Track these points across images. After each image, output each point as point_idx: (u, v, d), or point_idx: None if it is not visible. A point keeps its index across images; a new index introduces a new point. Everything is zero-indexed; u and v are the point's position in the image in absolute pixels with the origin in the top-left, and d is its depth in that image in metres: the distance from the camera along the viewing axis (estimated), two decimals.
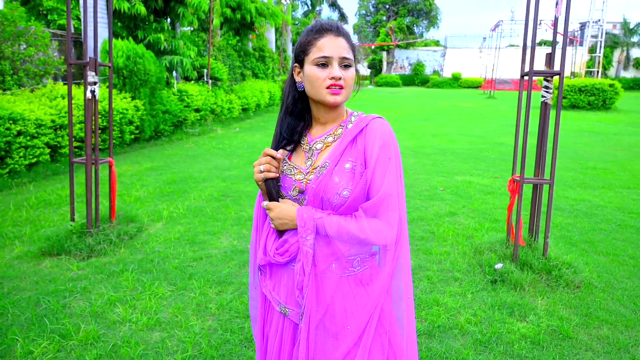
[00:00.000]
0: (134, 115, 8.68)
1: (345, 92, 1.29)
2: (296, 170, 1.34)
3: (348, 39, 1.30)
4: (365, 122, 1.30)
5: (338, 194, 1.25)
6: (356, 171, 1.26)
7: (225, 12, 14.88)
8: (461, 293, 3.25)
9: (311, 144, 1.35)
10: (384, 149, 1.26)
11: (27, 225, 4.47)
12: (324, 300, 1.28)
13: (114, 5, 9.58)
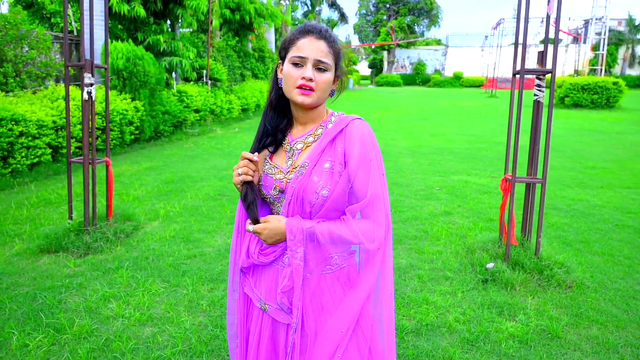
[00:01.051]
0: (134, 116, 8.77)
1: (316, 94, 1.30)
2: (277, 169, 1.37)
3: (330, 43, 1.31)
4: (344, 123, 1.33)
5: (317, 193, 1.28)
6: (335, 170, 1.29)
7: (225, 13, 14.96)
8: (451, 292, 3.30)
9: (292, 143, 1.38)
10: (364, 151, 1.29)
11: (27, 223, 4.56)
12: (305, 299, 1.32)
13: (114, 8, 9.68)
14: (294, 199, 1.30)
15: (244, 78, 16.87)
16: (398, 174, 7.28)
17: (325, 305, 1.33)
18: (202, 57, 12.90)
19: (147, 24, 10.71)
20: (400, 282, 3.45)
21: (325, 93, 1.32)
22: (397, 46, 47.30)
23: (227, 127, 12.95)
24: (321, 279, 1.33)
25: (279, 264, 1.36)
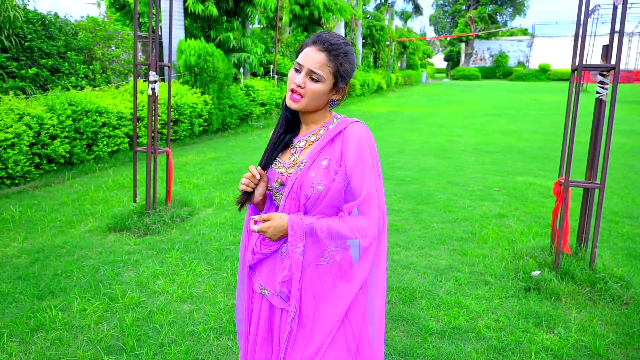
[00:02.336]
0: (203, 109, 9.37)
1: (305, 101, 1.42)
2: (280, 164, 1.51)
3: (333, 57, 1.38)
4: (344, 125, 1.44)
5: (313, 188, 1.40)
6: (331, 168, 1.40)
7: (294, 9, 15.34)
8: (488, 297, 3.25)
9: (296, 142, 1.52)
10: (360, 152, 1.39)
11: (102, 204, 5.13)
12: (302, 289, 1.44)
13: (190, 8, 10.36)
14: (292, 191, 1.43)
15: None
16: (456, 173, 7.14)
17: (317, 294, 1.45)
18: (270, 52, 13.37)
19: (220, 22, 11.32)
20: (435, 282, 3.47)
21: (315, 101, 1.44)
22: (476, 37, 45.32)
23: None
24: (315, 269, 1.44)
25: (279, 253, 1.50)
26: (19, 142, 5.41)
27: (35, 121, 5.69)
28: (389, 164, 7.67)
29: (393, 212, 5.11)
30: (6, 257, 3.71)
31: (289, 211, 1.46)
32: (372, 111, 16.60)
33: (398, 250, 4.07)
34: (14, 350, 2.52)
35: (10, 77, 6.48)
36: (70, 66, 7.46)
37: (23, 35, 6.63)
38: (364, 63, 25.04)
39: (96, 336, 2.67)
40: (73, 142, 6.36)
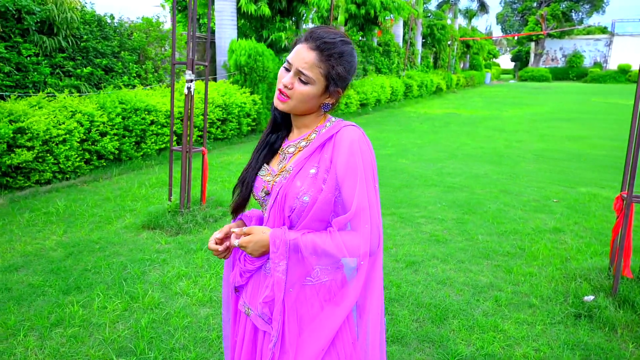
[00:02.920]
0: (252, 109, 9.47)
1: (292, 103, 1.30)
2: (267, 171, 1.40)
3: (324, 57, 1.26)
4: (336, 129, 1.31)
5: (298, 199, 1.27)
6: (319, 177, 1.27)
7: (350, 8, 15.21)
8: (530, 322, 2.96)
9: (285, 147, 1.41)
10: (351, 159, 1.25)
11: (141, 201, 5.27)
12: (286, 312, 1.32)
13: (243, 8, 10.53)
14: (276, 202, 1.32)
15: (367, 73, 16.98)
16: (511, 181, 6.69)
17: (301, 317, 1.32)
18: None
19: (272, 22, 11.42)
20: (472, 301, 3.21)
21: (304, 104, 1.31)
22: (547, 36, 42.87)
23: None
24: (301, 290, 1.31)
25: (264, 269, 1.39)
26: (70, 139, 5.69)
27: (87, 118, 5.97)
28: (437, 169, 7.34)
29: (435, 221, 4.85)
30: (44, 249, 3.87)
31: (273, 224, 1.34)
32: (429, 113, 16.12)
33: (435, 262, 3.83)
34: (31, 345, 2.59)
35: (66, 75, 6.86)
36: (124, 65, 7.80)
37: (79, 36, 7.00)
38: (422, 63, 24.43)
39: (110, 336, 2.69)
40: (122, 139, 6.62)
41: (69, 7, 6.14)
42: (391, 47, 18.83)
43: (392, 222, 4.81)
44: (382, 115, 15.09)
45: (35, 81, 6.29)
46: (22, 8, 5.86)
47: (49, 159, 5.50)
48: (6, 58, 5.89)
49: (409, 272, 3.65)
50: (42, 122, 5.33)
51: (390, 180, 6.51)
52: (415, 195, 5.79)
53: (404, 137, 10.66)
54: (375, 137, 10.66)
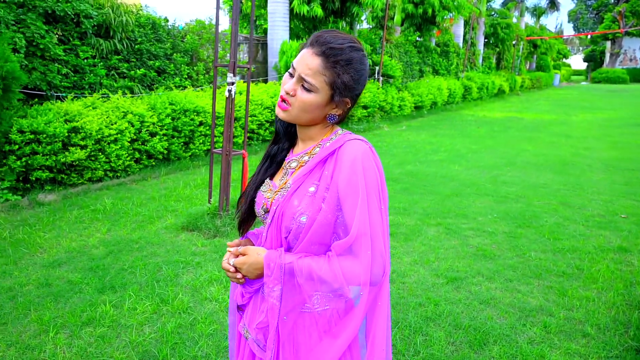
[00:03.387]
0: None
1: (293, 112, 1.22)
2: (268, 187, 1.33)
3: (330, 64, 1.17)
4: (339, 144, 1.21)
5: (294, 219, 1.19)
6: (318, 196, 1.18)
7: (407, 7, 14.89)
8: (583, 354, 2.68)
9: (287, 161, 1.33)
10: (352, 177, 1.15)
11: (184, 201, 5.38)
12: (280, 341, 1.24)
13: (295, 9, 10.58)
14: (273, 221, 1.24)
15: (423, 74, 16.57)
16: (573, 192, 6.21)
17: (298, 348, 1.23)
18: (377, 53, 13.14)
19: (325, 22, 11.39)
20: (517, 326, 2.96)
21: (307, 114, 1.22)
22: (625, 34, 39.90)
23: (397, 124, 12.95)
24: (298, 317, 1.22)
25: (262, 291, 1.31)
26: (121, 138, 5.92)
27: (137, 119, 6.19)
28: (492, 177, 6.97)
29: (484, 234, 4.57)
30: (87, 247, 4.02)
31: (270, 245, 1.27)
32: (488, 117, 15.46)
33: (479, 280, 3.59)
34: (61, 343, 2.66)
35: (121, 77, 7.18)
36: (176, 67, 8.05)
37: (134, 39, 7.31)
38: (484, 64, 23.52)
39: (136, 338, 2.71)
40: (171, 140, 6.81)
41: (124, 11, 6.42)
42: (450, 48, 18.26)
43: (437, 233, 4.59)
44: (438, 118, 14.65)
45: (91, 82, 6.62)
46: (80, 12, 6.20)
47: (101, 158, 5.76)
48: (65, 60, 6.24)
49: (449, 289, 3.44)
50: (95, 122, 5.58)
51: (439, 188, 6.24)
52: (465, 205, 5.51)
53: (459, 142, 10.26)
54: (428, 141, 10.34)
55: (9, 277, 3.41)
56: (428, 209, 5.32)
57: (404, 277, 3.62)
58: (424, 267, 3.80)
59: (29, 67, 5.71)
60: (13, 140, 4.82)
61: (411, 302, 3.21)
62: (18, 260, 3.70)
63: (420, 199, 5.72)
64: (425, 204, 5.49)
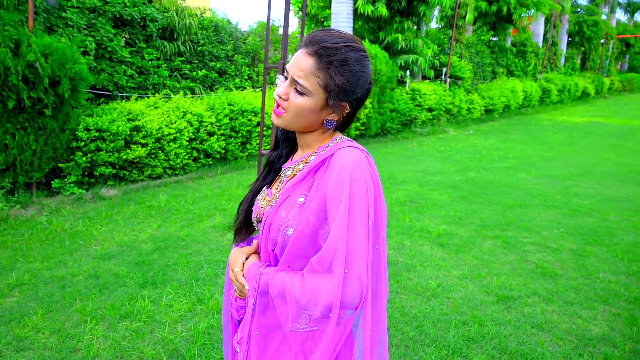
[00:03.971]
0: (361, 113, 9.38)
1: (287, 117, 1.15)
2: (264, 195, 1.28)
3: (323, 64, 1.09)
4: (332, 152, 1.14)
5: (281, 231, 1.13)
6: (307, 207, 1.11)
7: (480, 5, 14.28)
8: None
9: (284, 168, 1.28)
10: (336, 188, 1.06)
11: (236, 201, 5.49)
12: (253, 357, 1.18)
13: (360, 9, 10.49)
14: (263, 233, 1.20)
15: (496, 75, 15.81)
16: None
17: None
18: (446, 54, 12.72)
19: (390, 23, 11.21)
20: (573, 356, 2.69)
21: (301, 119, 1.15)
22: None
23: (464, 128, 12.46)
24: (272, 336, 1.15)
25: None
26: (180, 137, 6.17)
27: (196, 119, 6.42)
28: (563, 188, 6.46)
29: (547, 250, 4.23)
30: (137, 242, 4.20)
31: (263, 257, 1.22)
32: (567, 121, 14.44)
33: (535, 301, 3.31)
34: (98, 334, 2.78)
35: (183, 78, 7.49)
36: (236, 68, 8.27)
37: (197, 41, 7.60)
38: (566, 65, 22.02)
39: (168, 336, 2.77)
40: (228, 140, 7.00)
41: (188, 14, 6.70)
42: (527, 47, 17.28)
43: (493, 246, 4.31)
44: (510, 122, 13.90)
45: (154, 83, 6.98)
46: (146, 16, 6.55)
47: (160, 156, 6.03)
48: (131, 62, 6.62)
49: (499, 308, 3.20)
50: (156, 121, 5.86)
51: (501, 198, 5.88)
52: (529, 217, 5.14)
53: (530, 149, 9.65)
54: (496, 147, 9.83)
55: (63, 267, 3.64)
56: (486, 219, 5.03)
57: (450, 292, 3.42)
58: (474, 283, 3.57)
59: (97, 69, 6.12)
60: (80, 137, 5.17)
61: (453, 319, 3.02)
62: (74, 251, 3.94)
63: (479, 208, 5.42)
64: (483, 214, 5.19)
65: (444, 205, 5.48)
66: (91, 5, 5.91)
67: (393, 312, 3.11)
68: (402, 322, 2.99)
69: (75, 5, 5.83)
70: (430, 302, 3.25)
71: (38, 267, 3.60)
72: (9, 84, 4.30)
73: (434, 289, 3.45)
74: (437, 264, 3.88)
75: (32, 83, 4.48)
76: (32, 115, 4.65)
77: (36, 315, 2.92)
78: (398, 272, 3.71)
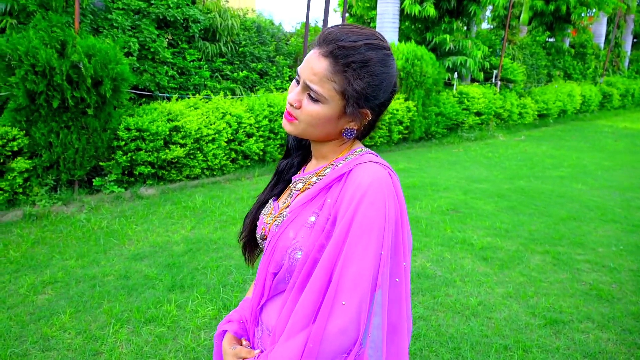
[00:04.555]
0: (404, 116, 9.14)
1: (300, 125, 1.03)
2: (270, 209, 1.16)
3: (339, 67, 0.96)
4: (350, 167, 1.02)
5: (288, 254, 1.01)
6: (318, 228, 0.99)
7: (535, 5, 13.64)
8: None
9: (295, 179, 1.15)
10: (347, 209, 0.94)
11: None
12: None
13: (406, 9, 10.25)
14: (266, 254, 1.08)
15: (551, 78, 15.07)
16: None
17: None
18: (497, 55, 12.22)
19: (439, 23, 10.89)
20: None
21: (316, 128, 1.03)
22: None
23: (515, 133, 11.92)
24: None
25: None
26: (218, 138, 6.19)
27: (235, 120, 6.43)
28: (624, 200, 5.98)
29: (603, 270, 3.89)
30: (169, 243, 4.21)
31: (259, 279, 1.10)
32: (630, 128, 13.54)
33: (588, 326, 3.02)
34: (122, 338, 2.76)
35: (224, 79, 7.54)
36: (278, 69, 8.25)
37: (238, 42, 7.64)
38: (630, 68, 20.72)
39: (190, 343, 2.72)
40: (267, 141, 6.97)
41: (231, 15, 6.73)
42: (587, 49, 16.37)
43: (542, 262, 4.01)
44: (565, 128, 13.19)
45: (195, 84, 7.05)
46: (189, 17, 6.63)
47: (198, 156, 6.07)
48: (172, 63, 6.72)
49: (546, 332, 2.94)
50: (195, 121, 5.90)
51: (553, 209, 5.51)
52: (584, 232, 4.77)
53: (587, 157, 9.08)
54: (549, 154, 9.31)
55: (96, 266, 3.69)
56: (535, 232, 4.71)
57: (492, 311, 3.18)
58: (519, 303, 3.31)
59: (140, 69, 6.25)
60: (120, 136, 5.28)
61: (495, 343, 2.79)
62: (108, 250, 3.99)
63: (527, 220, 5.10)
64: (532, 227, 4.87)
65: (489, 216, 5.19)
66: (136, 7, 6.04)
67: (428, 331, 2.92)
68: (437, 343, 2.79)
69: (120, 7, 5.97)
70: (469, 322, 3.04)
71: (72, 265, 3.66)
72: (54, 84, 4.43)
73: (474, 307, 3.22)
74: (478, 280, 3.64)
75: (76, 83, 4.60)
76: (75, 115, 4.78)
77: (65, 314, 2.95)
78: (436, 286, 3.51)
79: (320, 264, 0.93)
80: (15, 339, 2.70)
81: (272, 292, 1.07)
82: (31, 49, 4.25)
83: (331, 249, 0.93)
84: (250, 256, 1.28)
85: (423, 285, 3.52)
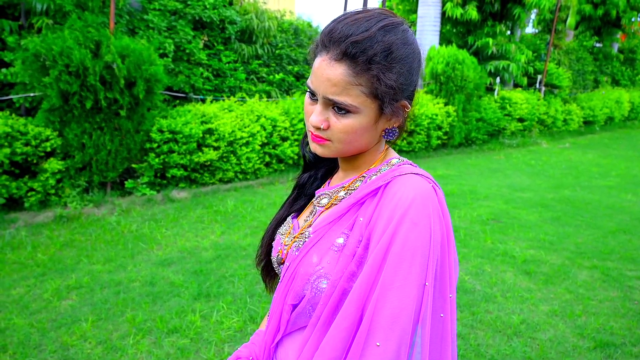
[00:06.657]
0: (444, 121, 8.79)
1: (335, 146, 0.84)
2: (288, 228, 0.98)
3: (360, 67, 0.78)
4: (386, 180, 0.83)
5: (311, 283, 0.83)
6: (347, 251, 0.80)
7: (584, 9, 12.96)
8: None
9: (318, 194, 0.97)
10: (386, 230, 0.76)
11: None
12: None
13: (448, 12, 9.90)
14: (283, 281, 0.89)
15: (599, 84, 14.30)
16: None
17: None
18: (542, 60, 11.66)
19: (481, 26, 10.48)
20: None
21: (355, 143, 0.85)
22: None
23: (559, 140, 11.34)
24: None
25: None
26: (252, 141, 6.05)
27: (270, 123, 6.28)
28: None
29: None
30: (198, 248, 4.06)
31: (277, 314, 0.90)
32: None
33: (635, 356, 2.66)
34: (143, 349, 2.60)
35: (260, 81, 7.41)
36: None
37: (275, 44, 7.50)
38: None
39: (212, 357, 2.53)
40: None
41: (268, 17, 6.60)
42: (637, 55, 15.48)
43: (590, 278, 3.64)
44: (613, 136, 12.45)
45: (231, 86, 6.95)
46: (225, 18, 6.54)
47: (232, 159, 5.94)
48: (208, 64, 6.64)
49: (596, 356, 2.61)
50: (229, 124, 5.78)
51: (601, 221, 5.08)
52: (635, 246, 4.36)
53: (637, 166, 8.47)
54: (596, 162, 8.75)
55: (122, 271, 3.57)
56: (582, 245, 4.32)
57: (536, 330, 2.87)
58: (565, 322, 2.98)
59: (175, 71, 6.19)
60: (153, 138, 5.20)
61: None
62: (135, 255, 3.88)
63: (574, 232, 4.70)
64: (579, 240, 4.48)
65: (533, 227, 4.82)
66: (172, 8, 5.99)
67: (466, 351, 2.64)
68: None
69: (157, 8, 5.93)
70: (511, 342, 2.74)
71: (98, 270, 3.56)
72: (87, 85, 4.38)
73: (517, 325, 2.92)
74: (521, 296, 3.32)
75: (109, 84, 4.54)
76: (108, 116, 4.73)
77: (86, 322, 2.82)
78: (475, 302, 3.21)
79: (351, 296, 0.76)
80: (34, 347, 2.59)
81: (290, 328, 0.89)
82: (65, 49, 4.21)
83: (364, 278, 0.75)
84: (272, 283, 1.08)
85: (461, 301, 3.22)
